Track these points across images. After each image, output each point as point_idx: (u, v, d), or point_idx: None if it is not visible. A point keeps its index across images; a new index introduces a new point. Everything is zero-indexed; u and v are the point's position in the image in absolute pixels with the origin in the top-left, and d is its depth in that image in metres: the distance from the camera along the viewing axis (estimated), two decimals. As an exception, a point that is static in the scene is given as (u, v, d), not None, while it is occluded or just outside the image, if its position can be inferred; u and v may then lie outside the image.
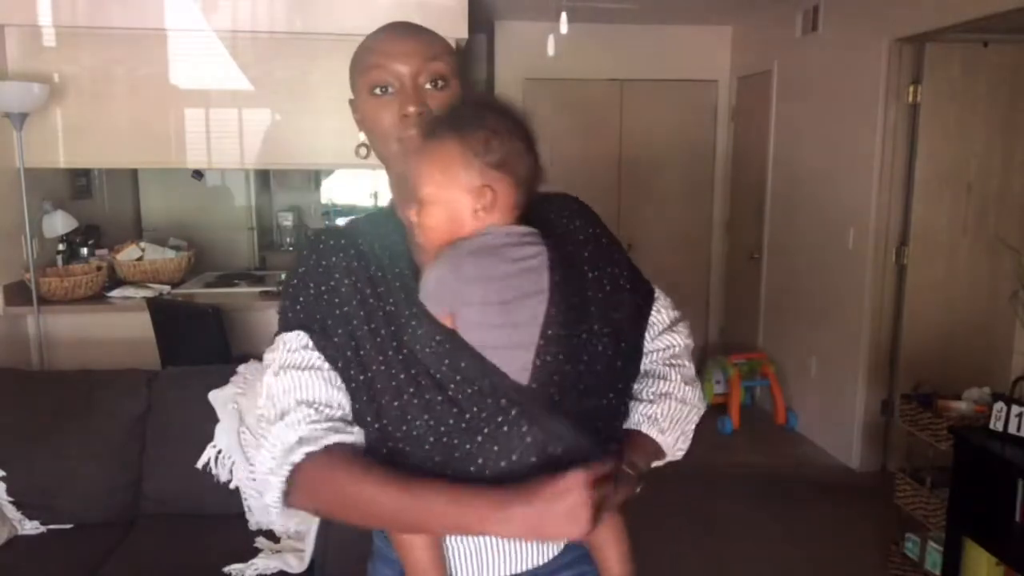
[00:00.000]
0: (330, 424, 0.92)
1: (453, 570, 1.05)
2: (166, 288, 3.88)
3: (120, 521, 2.45)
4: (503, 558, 1.05)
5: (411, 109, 0.98)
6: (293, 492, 0.92)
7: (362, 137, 1.08)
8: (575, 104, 5.37)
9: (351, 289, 0.95)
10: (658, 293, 1.13)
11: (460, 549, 1.05)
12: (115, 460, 2.48)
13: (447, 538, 1.05)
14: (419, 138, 0.96)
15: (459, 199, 0.94)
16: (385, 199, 1.13)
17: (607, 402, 0.99)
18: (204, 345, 3.29)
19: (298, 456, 0.90)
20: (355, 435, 0.93)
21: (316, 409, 0.91)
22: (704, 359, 5.22)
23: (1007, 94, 3.72)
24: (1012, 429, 2.38)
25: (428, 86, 1.00)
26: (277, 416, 0.92)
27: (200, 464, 2.45)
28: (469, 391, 0.91)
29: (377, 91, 1.00)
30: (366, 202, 6.32)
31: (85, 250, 4.12)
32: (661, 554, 3.04)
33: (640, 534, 1.13)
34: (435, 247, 0.96)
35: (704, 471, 3.90)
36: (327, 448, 0.90)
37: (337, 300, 0.94)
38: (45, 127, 3.61)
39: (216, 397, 2.52)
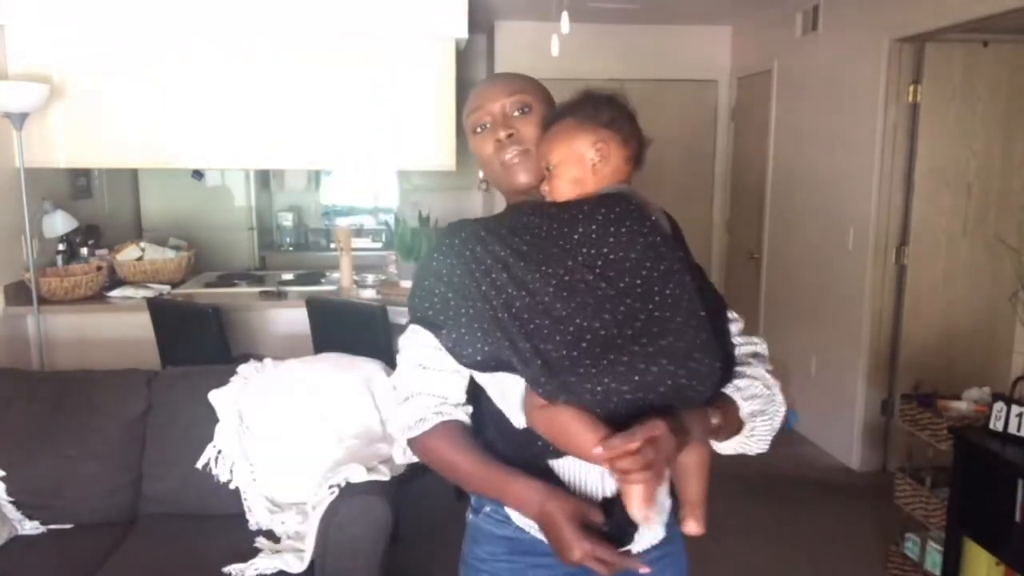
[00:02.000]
0: (439, 408, 1.17)
1: None
2: (166, 288, 3.88)
3: (120, 521, 2.46)
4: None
5: (502, 134, 1.26)
6: (414, 450, 1.21)
7: (482, 174, 1.34)
8: (575, 104, 5.37)
9: (483, 277, 1.12)
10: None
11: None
12: (115, 460, 2.49)
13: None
14: (520, 155, 1.24)
15: (581, 156, 1.20)
16: (384, 199, 1.15)
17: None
18: (204, 345, 3.29)
19: (415, 432, 1.17)
20: (459, 415, 1.18)
21: (431, 396, 1.17)
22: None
23: (1007, 94, 3.71)
24: (1012, 429, 2.38)
25: (516, 114, 1.28)
26: (402, 400, 1.19)
27: (200, 464, 2.45)
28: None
29: (478, 129, 1.29)
30: (366, 202, 6.31)
31: (85, 250, 4.12)
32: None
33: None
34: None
35: (704, 471, 3.89)
36: (435, 427, 1.16)
37: (464, 296, 1.12)
38: (45, 127, 3.62)
39: (216, 397, 2.52)
